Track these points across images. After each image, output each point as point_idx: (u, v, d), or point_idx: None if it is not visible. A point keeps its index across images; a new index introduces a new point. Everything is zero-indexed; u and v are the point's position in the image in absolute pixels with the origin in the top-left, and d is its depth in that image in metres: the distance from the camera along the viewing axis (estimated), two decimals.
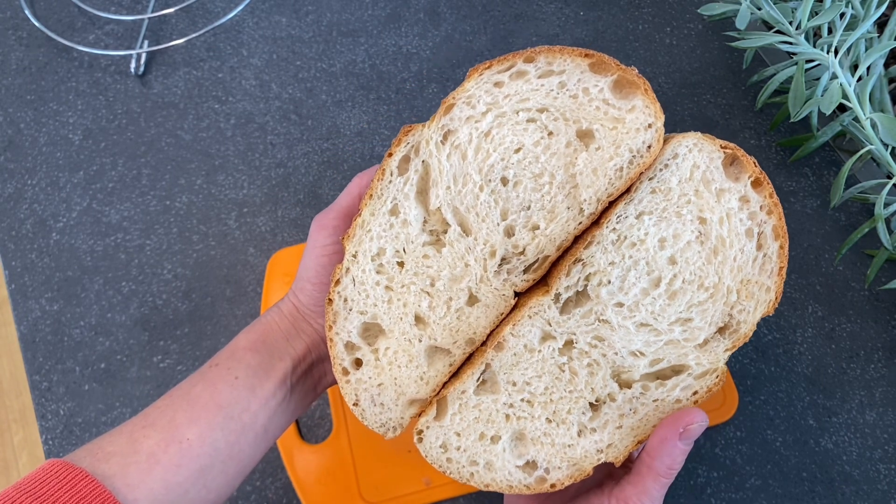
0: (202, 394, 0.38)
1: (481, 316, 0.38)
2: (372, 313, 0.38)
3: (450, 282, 0.38)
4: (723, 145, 0.36)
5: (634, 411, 0.38)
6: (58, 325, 0.58)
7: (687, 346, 0.37)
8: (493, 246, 0.37)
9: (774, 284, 0.37)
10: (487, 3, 0.71)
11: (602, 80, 0.36)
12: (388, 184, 0.37)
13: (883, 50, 0.52)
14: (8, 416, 1.31)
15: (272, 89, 0.67)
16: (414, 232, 0.37)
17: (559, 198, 0.37)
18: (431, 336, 0.38)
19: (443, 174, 0.37)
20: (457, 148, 0.36)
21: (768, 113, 0.65)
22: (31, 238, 0.61)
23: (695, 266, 0.37)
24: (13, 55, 0.70)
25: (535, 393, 0.38)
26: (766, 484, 0.52)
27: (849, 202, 0.61)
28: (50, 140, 0.65)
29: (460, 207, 0.37)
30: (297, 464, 0.52)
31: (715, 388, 0.37)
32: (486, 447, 0.38)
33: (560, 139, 0.36)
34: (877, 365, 0.55)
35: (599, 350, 0.37)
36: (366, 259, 0.37)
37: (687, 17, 0.70)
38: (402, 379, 0.38)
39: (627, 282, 0.37)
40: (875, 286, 0.58)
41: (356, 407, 0.38)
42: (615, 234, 0.36)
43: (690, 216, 0.36)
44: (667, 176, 0.36)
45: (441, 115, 0.36)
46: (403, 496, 0.51)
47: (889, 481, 0.52)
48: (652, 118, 0.36)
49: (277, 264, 0.58)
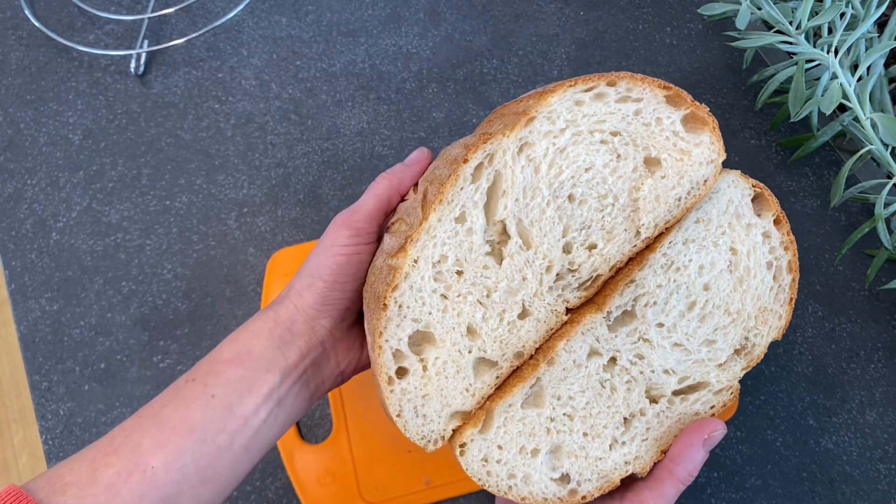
0: (173, 415, 0.35)
1: (532, 330, 0.38)
2: (426, 321, 0.37)
3: (506, 294, 0.38)
4: (754, 184, 0.39)
5: (661, 424, 0.40)
6: (58, 325, 0.58)
7: (710, 365, 0.40)
8: (552, 261, 0.38)
9: (785, 312, 0.40)
10: (487, 3, 0.71)
11: (675, 112, 0.38)
12: (461, 190, 0.37)
13: (883, 50, 0.52)
14: (8, 416, 1.31)
15: (272, 89, 0.67)
16: (477, 241, 0.37)
17: (619, 220, 0.38)
18: (482, 348, 0.38)
19: (514, 186, 0.37)
20: (531, 161, 0.37)
21: (768, 113, 0.65)
22: (31, 238, 0.61)
23: (724, 293, 0.39)
24: (13, 55, 0.70)
25: (577, 407, 0.39)
26: (766, 484, 0.52)
27: (849, 202, 0.61)
28: (50, 140, 0.65)
29: (525, 220, 0.37)
30: (297, 464, 0.52)
31: (729, 402, 0.40)
32: (525, 460, 0.39)
33: (628, 163, 0.38)
34: (877, 365, 0.55)
35: (638, 367, 0.39)
36: (427, 265, 0.37)
37: (687, 17, 0.70)
38: (449, 390, 0.38)
39: (670, 304, 0.39)
40: (875, 286, 0.58)
41: (399, 418, 0.38)
42: (665, 258, 0.39)
43: (725, 246, 0.39)
44: (709, 208, 0.39)
45: (521, 126, 0.37)
46: (403, 496, 0.51)
47: (889, 481, 0.52)
48: (715, 155, 0.38)
49: (277, 264, 0.58)
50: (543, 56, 0.68)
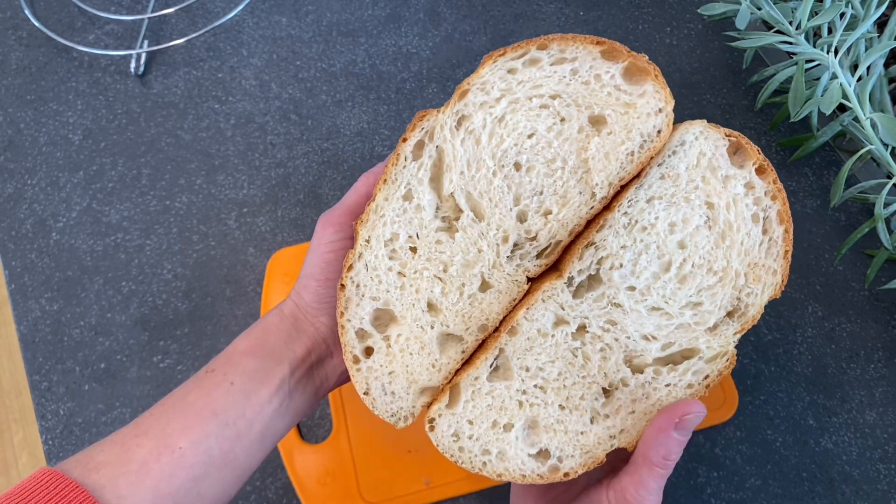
0: (196, 401, 0.37)
1: (494, 302, 0.38)
2: (384, 299, 0.38)
3: (462, 267, 0.38)
4: (727, 133, 0.37)
5: (647, 396, 0.38)
6: (58, 325, 0.58)
7: (697, 329, 0.38)
8: (506, 231, 0.37)
9: (780, 267, 0.37)
10: (487, 3, 0.71)
11: (613, 66, 0.37)
12: (403, 168, 0.37)
13: (883, 50, 0.52)
14: (8, 416, 1.31)
15: (272, 89, 0.67)
16: (427, 217, 0.37)
17: (571, 183, 0.37)
18: (444, 323, 0.38)
19: (457, 159, 0.37)
20: (471, 133, 0.37)
21: (768, 113, 0.65)
22: (31, 238, 0.61)
23: (704, 250, 0.37)
24: (13, 55, 0.70)
25: (549, 379, 0.38)
26: (766, 484, 0.52)
27: (849, 202, 0.61)
28: (50, 140, 0.65)
29: (473, 193, 0.37)
30: (297, 464, 0.52)
31: (726, 371, 0.37)
32: (498, 435, 0.38)
33: (572, 125, 0.37)
34: (877, 365, 0.55)
35: (612, 334, 0.38)
36: (379, 244, 0.37)
37: (687, 17, 0.70)
38: (414, 367, 0.38)
39: (639, 265, 0.37)
40: (875, 286, 0.58)
41: (367, 396, 0.38)
42: (626, 217, 0.37)
43: (698, 201, 0.37)
44: (675, 162, 0.37)
45: (456, 100, 0.37)
46: (403, 496, 0.51)
47: (889, 481, 0.52)
48: (662, 103, 0.36)
49: (277, 264, 0.58)
50: None
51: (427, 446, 0.53)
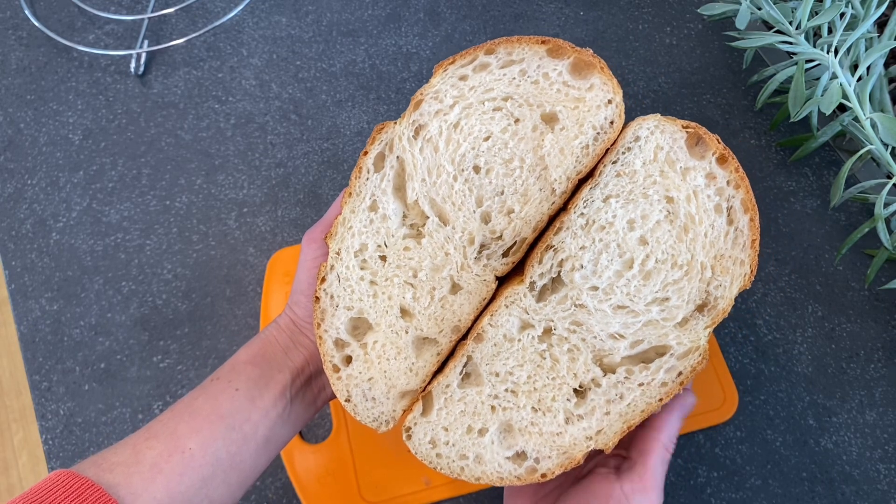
0: (204, 406, 0.39)
1: (465, 303, 0.39)
2: (358, 308, 0.39)
3: (431, 272, 0.38)
4: (684, 125, 0.37)
5: (621, 396, 0.38)
6: (58, 325, 0.58)
7: (666, 325, 0.37)
8: (471, 233, 0.38)
9: (748, 258, 0.37)
10: (487, 3, 0.71)
11: (560, 63, 0.37)
12: (366, 181, 0.38)
13: (883, 50, 0.52)
14: (8, 416, 1.31)
15: (272, 89, 0.67)
16: (394, 226, 0.38)
17: (531, 180, 0.38)
18: (418, 327, 0.39)
19: (417, 167, 0.38)
20: (428, 141, 0.38)
21: (768, 113, 0.65)
22: (31, 238, 0.61)
23: (666, 245, 0.37)
24: (13, 55, 0.70)
25: (519, 382, 0.38)
26: (766, 484, 0.52)
27: (849, 202, 0.61)
28: (50, 140, 0.65)
29: (437, 198, 0.38)
30: (297, 464, 0.52)
31: (699, 367, 0.37)
32: (474, 440, 0.39)
33: (526, 124, 0.37)
34: (877, 365, 0.55)
35: (578, 335, 0.38)
36: (349, 255, 0.38)
37: (687, 17, 0.70)
38: (392, 371, 0.39)
39: (600, 265, 0.37)
40: (875, 286, 0.58)
41: (348, 403, 0.39)
42: (583, 218, 0.37)
43: (657, 196, 0.37)
44: (630, 159, 0.37)
45: (411, 111, 0.38)
46: (403, 496, 0.51)
47: (889, 481, 0.52)
48: (610, 94, 0.37)
49: (277, 264, 0.58)
50: None
51: None
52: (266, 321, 0.57)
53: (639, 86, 0.66)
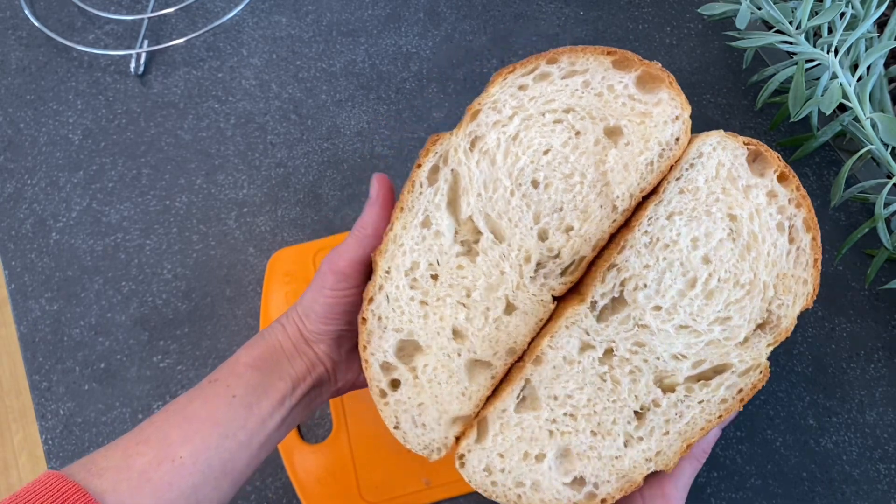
0: (199, 411, 0.38)
1: (521, 324, 0.37)
2: (408, 330, 0.37)
3: (486, 291, 0.37)
4: (746, 141, 0.36)
5: (680, 415, 0.37)
6: (58, 325, 0.58)
7: (728, 344, 0.37)
8: (528, 251, 0.36)
9: (811, 277, 0.36)
10: (487, 3, 0.71)
11: (626, 76, 0.36)
12: (419, 195, 0.36)
13: (883, 50, 0.52)
14: (8, 416, 1.31)
15: (272, 89, 0.67)
16: (447, 243, 0.36)
17: (591, 197, 0.36)
18: (471, 349, 0.37)
19: (473, 181, 0.36)
20: (485, 154, 0.36)
21: (768, 113, 0.65)
22: (31, 238, 0.61)
23: (729, 264, 0.36)
24: (13, 55, 0.70)
25: (578, 406, 0.37)
26: (766, 484, 0.52)
27: (849, 202, 0.61)
28: (50, 140, 0.65)
29: (492, 214, 0.36)
30: (297, 464, 0.52)
31: (759, 384, 0.37)
32: (531, 466, 0.37)
33: (588, 138, 0.36)
34: (877, 365, 0.55)
35: (640, 356, 0.37)
36: (399, 274, 0.36)
37: (687, 17, 0.70)
38: (444, 396, 0.37)
39: (663, 284, 0.36)
40: (875, 286, 0.58)
41: (397, 430, 0.37)
42: (647, 236, 0.36)
43: (720, 214, 0.36)
44: (693, 175, 0.36)
45: (468, 121, 0.36)
46: (403, 496, 0.51)
47: (889, 481, 0.52)
48: (679, 110, 0.36)
49: (277, 264, 0.58)
50: None
51: None
52: (266, 321, 0.57)
53: None
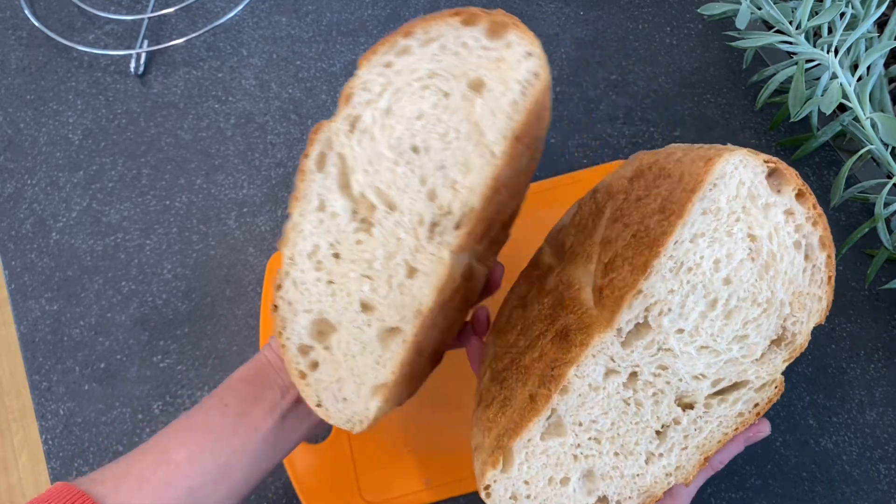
0: (194, 421, 0.41)
1: (424, 285, 0.38)
2: (318, 310, 0.39)
3: (386, 260, 0.38)
4: (766, 160, 0.36)
5: (699, 430, 0.38)
6: (58, 325, 0.58)
7: (745, 362, 0.37)
8: (420, 213, 0.38)
9: (825, 294, 0.37)
10: (487, 3, 0.71)
11: (475, 29, 0.38)
12: (311, 183, 0.38)
13: (883, 50, 0.52)
14: (8, 416, 1.31)
15: (272, 89, 0.67)
16: (344, 222, 0.38)
17: (469, 148, 0.38)
18: (380, 318, 0.38)
19: (358, 160, 0.38)
20: (364, 132, 0.38)
21: (768, 113, 0.65)
22: (31, 238, 0.61)
23: (748, 283, 0.36)
24: (13, 55, 0.70)
25: (602, 430, 0.38)
26: (766, 484, 0.52)
27: (849, 202, 0.61)
28: (50, 140, 0.65)
29: (381, 186, 0.38)
30: (297, 464, 0.52)
31: (775, 397, 0.37)
32: (556, 491, 0.38)
33: (455, 95, 0.38)
34: (877, 365, 0.55)
35: (663, 378, 0.37)
36: (302, 259, 0.38)
37: (687, 17, 0.70)
38: (360, 368, 0.39)
39: (686, 307, 0.36)
40: (875, 286, 0.58)
41: (319, 408, 0.39)
42: (672, 261, 0.36)
43: (741, 234, 0.36)
44: (716, 195, 0.36)
45: (343, 106, 0.38)
46: (403, 496, 0.51)
47: (889, 481, 0.52)
48: (528, 47, 0.37)
49: (277, 264, 0.58)
50: None
51: (427, 446, 0.53)
52: (266, 321, 0.57)
53: (639, 86, 0.66)
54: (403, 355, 0.39)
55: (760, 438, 0.39)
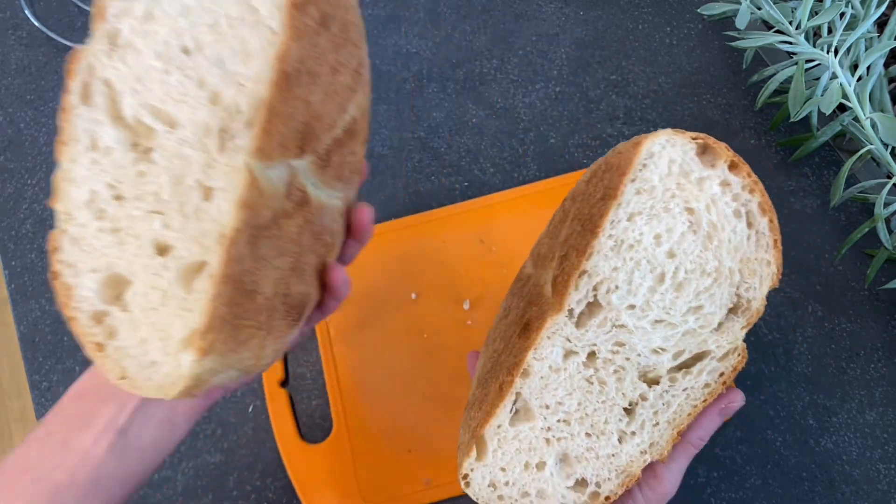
0: (14, 458, 0.36)
1: (223, 203, 0.32)
2: (106, 265, 0.33)
3: (174, 186, 0.32)
4: (693, 136, 0.37)
5: (667, 405, 0.38)
6: (58, 325, 0.58)
7: (703, 332, 0.38)
8: (205, 122, 0.32)
9: (773, 257, 0.37)
10: (487, 3, 0.71)
11: None
12: (77, 119, 0.33)
13: (883, 50, 0.52)
14: (8, 416, 1.31)
15: None
16: (120, 156, 0.33)
17: (245, 32, 0.32)
18: (178, 256, 0.32)
19: (126, 80, 0.33)
20: (127, 47, 0.33)
21: (768, 113, 0.65)
22: (31, 238, 0.61)
23: (693, 255, 0.37)
24: (13, 55, 0.70)
25: (570, 411, 0.38)
26: (766, 484, 0.52)
27: (849, 202, 0.61)
28: (50, 140, 0.65)
29: (156, 104, 0.33)
30: (297, 464, 0.52)
31: (739, 365, 0.38)
32: (533, 476, 0.38)
33: None
34: (877, 365, 0.55)
35: (622, 355, 0.38)
36: (80, 210, 0.33)
37: (687, 17, 0.70)
38: (164, 320, 0.32)
39: (634, 283, 0.37)
40: (875, 286, 0.58)
41: (125, 381, 0.32)
42: (612, 240, 0.37)
43: (678, 209, 0.37)
44: (647, 175, 0.37)
45: (98, 23, 0.33)
46: (403, 496, 0.51)
47: (889, 481, 0.52)
48: None
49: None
50: (543, 56, 0.68)
51: (427, 446, 0.53)
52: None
53: (639, 86, 0.66)
54: (214, 291, 0.31)
55: (735, 410, 0.39)
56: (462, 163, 0.64)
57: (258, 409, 0.55)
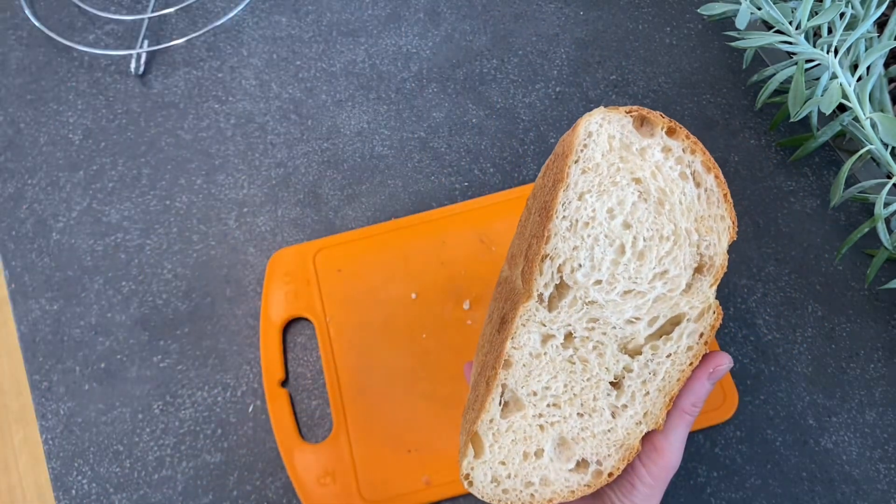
0: None
1: None
2: None
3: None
4: (627, 110, 0.38)
5: (654, 373, 0.38)
6: (58, 325, 0.58)
7: (673, 296, 0.38)
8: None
9: (726, 212, 0.38)
10: (487, 3, 0.71)
11: None
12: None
13: (883, 50, 0.52)
14: (8, 416, 1.31)
15: (272, 89, 0.67)
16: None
17: None
18: None
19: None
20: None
21: (768, 113, 0.65)
22: (31, 238, 0.61)
23: (648, 222, 0.38)
24: (13, 55, 0.70)
25: (558, 394, 0.39)
26: (766, 484, 0.52)
27: (849, 202, 0.61)
28: (50, 140, 0.65)
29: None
30: (297, 464, 0.52)
31: (717, 323, 0.38)
32: (534, 464, 0.39)
33: None
34: (877, 365, 0.55)
35: (598, 330, 0.38)
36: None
37: (687, 17, 0.70)
38: None
39: (596, 259, 0.38)
40: (875, 286, 0.58)
41: None
42: (566, 220, 0.38)
43: (625, 181, 0.38)
44: (589, 154, 0.38)
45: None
46: (403, 496, 0.51)
47: (889, 481, 0.52)
48: None
49: (277, 264, 0.58)
50: (543, 56, 0.68)
51: (427, 446, 0.53)
52: (266, 321, 0.57)
53: (639, 86, 0.66)
54: None
55: (724, 373, 0.39)
56: (462, 163, 0.64)
57: (258, 409, 0.55)
